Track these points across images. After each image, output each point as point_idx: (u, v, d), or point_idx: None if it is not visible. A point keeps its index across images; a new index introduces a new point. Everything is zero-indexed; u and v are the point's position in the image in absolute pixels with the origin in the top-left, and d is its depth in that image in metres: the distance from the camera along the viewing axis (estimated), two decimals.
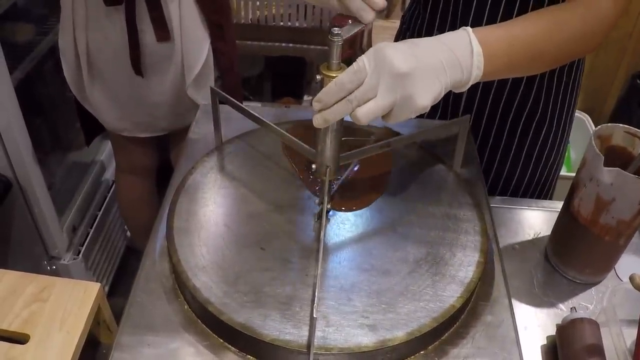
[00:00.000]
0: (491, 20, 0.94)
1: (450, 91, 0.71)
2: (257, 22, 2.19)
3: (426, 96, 0.66)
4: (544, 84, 1.02)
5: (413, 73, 0.65)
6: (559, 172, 1.20)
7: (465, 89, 0.71)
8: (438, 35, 0.70)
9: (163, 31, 1.34)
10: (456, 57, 0.68)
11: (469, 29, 0.70)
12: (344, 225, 0.82)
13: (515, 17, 0.79)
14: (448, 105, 1.10)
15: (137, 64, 1.37)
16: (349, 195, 0.86)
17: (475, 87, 1.02)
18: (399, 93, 0.65)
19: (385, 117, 0.67)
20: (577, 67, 1.04)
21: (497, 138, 1.09)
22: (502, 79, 1.01)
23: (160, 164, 1.76)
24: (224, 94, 0.89)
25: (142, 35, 1.34)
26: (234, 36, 1.52)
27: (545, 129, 1.07)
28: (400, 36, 1.14)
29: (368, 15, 0.72)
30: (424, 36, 0.71)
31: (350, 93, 0.65)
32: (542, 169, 1.12)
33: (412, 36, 0.66)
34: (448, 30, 0.71)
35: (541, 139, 1.08)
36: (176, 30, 1.36)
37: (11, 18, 1.62)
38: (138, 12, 1.31)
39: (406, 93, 0.65)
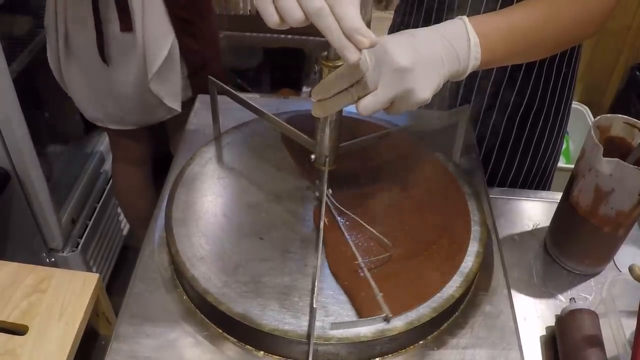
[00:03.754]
0: (489, 9, 0.93)
1: (447, 83, 0.71)
2: (256, 14, 2.18)
3: (427, 90, 0.66)
4: (542, 74, 1.02)
5: (414, 67, 0.64)
6: (557, 163, 1.20)
7: (462, 78, 0.71)
8: (435, 26, 0.69)
9: (126, 22, 1.34)
10: (454, 49, 0.68)
11: (465, 18, 0.70)
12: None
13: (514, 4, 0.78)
14: (445, 97, 1.09)
15: (102, 52, 1.37)
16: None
17: (473, 77, 1.02)
18: (400, 87, 0.65)
19: (386, 109, 0.67)
20: (575, 56, 1.04)
21: (496, 128, 1.08)
22: (501, 69, 1.01)
23: (159, 153, 1.75)
24: (222, 84, 0.88)
25: (108, 24, 1.35)
26: (212, 34, 1.50)
27: (543, 119, 1.07)
28: (395, 28, 1.12)
29: (353, 56, 0.56)
30: (421, 26, 0.69)
31: (351, 85, 0.65)
32: (540, 159, 1.12)
33: (408, 26, 0.64)
34: (445, 19, 0.70)
35: (539, 129, 1.08)
36: (138, 21, 1.35)
37: (9, 10, 1.61)
38: (106, 0, 1.31)
39: (407, 87, 0.65)
